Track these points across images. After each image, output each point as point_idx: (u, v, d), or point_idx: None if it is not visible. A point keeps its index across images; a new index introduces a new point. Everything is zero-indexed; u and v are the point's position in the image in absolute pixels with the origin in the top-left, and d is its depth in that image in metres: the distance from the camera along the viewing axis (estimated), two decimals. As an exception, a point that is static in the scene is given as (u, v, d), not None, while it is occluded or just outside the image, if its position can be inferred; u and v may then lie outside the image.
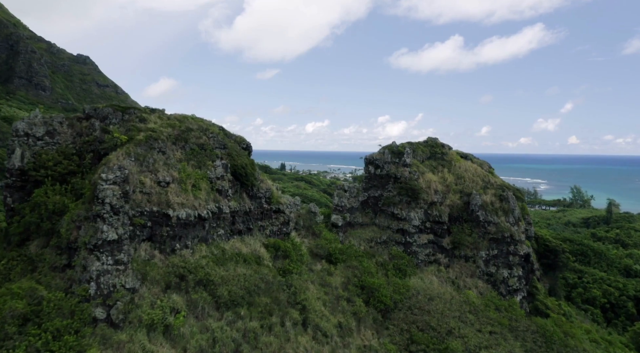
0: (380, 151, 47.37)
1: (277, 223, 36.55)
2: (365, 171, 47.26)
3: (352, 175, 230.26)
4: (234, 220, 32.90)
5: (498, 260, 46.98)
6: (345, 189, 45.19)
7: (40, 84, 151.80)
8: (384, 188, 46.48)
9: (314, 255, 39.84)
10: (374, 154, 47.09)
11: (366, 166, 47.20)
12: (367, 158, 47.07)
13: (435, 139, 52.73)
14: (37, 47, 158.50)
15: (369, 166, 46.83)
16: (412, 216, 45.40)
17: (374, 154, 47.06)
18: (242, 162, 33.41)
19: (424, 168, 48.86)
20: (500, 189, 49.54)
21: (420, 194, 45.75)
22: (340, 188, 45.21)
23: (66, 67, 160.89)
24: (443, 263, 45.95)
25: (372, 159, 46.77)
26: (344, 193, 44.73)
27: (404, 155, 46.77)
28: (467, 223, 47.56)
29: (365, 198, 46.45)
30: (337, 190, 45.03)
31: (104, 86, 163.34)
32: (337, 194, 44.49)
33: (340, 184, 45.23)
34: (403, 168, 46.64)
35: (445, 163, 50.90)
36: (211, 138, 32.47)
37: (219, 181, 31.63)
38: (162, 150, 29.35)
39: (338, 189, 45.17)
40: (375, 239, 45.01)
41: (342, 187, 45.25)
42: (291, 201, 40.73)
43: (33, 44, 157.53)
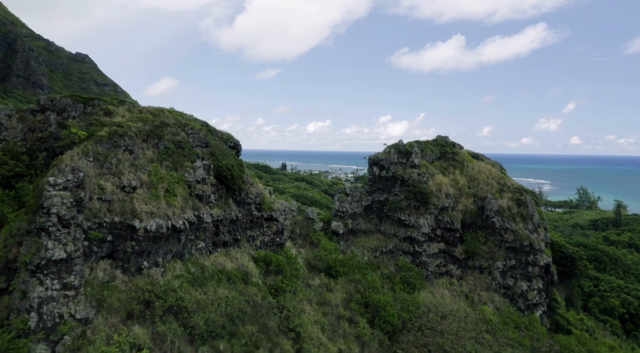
0: (386, 151, 42.13)
1: (269, 232, 31.38)
2: (369, 172, 42.05)
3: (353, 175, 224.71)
4: (218, 230, 27.75)
5: (516, 271, 41.70)
6: (347, 192, 40.00)
7: (38, 83, 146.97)
8: (390, 191, 41.24)
9: (312, 268, 34.67)
10: (379, 154, 41.88)
11: (370, 167, 41.98)
12: (372, 158, 41.87)
13: (446, 138, 47.46)
14: (36, 45, 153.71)
15: (374, 167, 41.61)
16: (421, 222, 40.15)
17: (378, 154, 41.84)
18: (227, 163, 28.27)
19: (434, 169, 43.60)
20: (517, 192, 44.23)
21: (430, 199, 40.49)
22: (342, 191, 40.00)
23: (64, 65, 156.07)
24: (455, 275, 40.69)
25: (377, 159, 41.54)
26: (345, 197, 39.53)
27: (412, 155, 41.53)
28: (482, 230, 42.29)
29: (369, 203, 41.23)
30: (338, 194, 39.82)
31: (103, 85, 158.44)
32: (338, 199, 39.28)
33: (341, 188, 40.03)
34: (411, 170, 41.39)
35: (457, 163, 45.63)
36: (191, 135, 27.29)
37: (199, 185, 26.47)
38: (129, 148, 24.20)
39: (339, 192, 39.96)
40: (381, 248, 39.79)
41: (343, 190, 40.04)
42: (286, 206, 35.55)
43: (31, 42, 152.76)
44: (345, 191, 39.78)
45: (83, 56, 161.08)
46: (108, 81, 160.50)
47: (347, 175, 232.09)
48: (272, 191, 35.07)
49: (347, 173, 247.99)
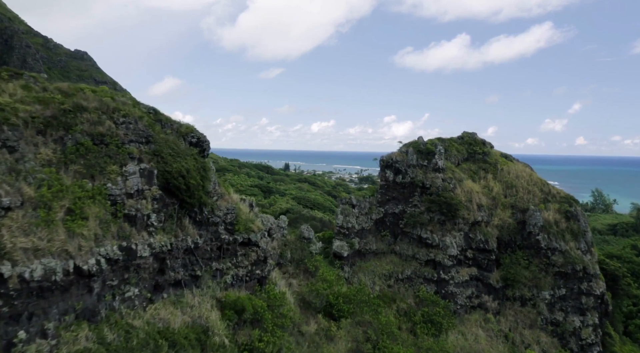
0: (402, 151, 32.26)
1: (246, 262, 21.71)
2: (380, 177, 32.23)
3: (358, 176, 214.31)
4: (164, 267, 18.14)
5: (567, 303, 31.81)
6: (352, 203, 30.23)
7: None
8: (408, 201, 31.46)
9: (307, 306, 25.00)
10: (394, 155, 32.05)
11: (382, 170, 32.14)
12: (384, 159, 32.03)
13: (473, 135, 37.48)
14: (33, 42, 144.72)
15: (387, 171, 31.79)
16: (447, 241, 30.31)
17: (393, 155, 32.01)
18: (181, 167, 18.65)
19: (461, 173, 33.72)
20: (565, 202, 34.28)
21: (459, 211, 30.64)
22: (346, 201, 30.20)
23: (63, 63, 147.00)
24: (491, 309, 30.83)
25: (391, 161, 31.72)
26: (350, 210, 29.75)
27: (435, 156, 31.68)
28: (523, 251, 32.42)
29: (381, 216, 31.45)
30: (342, 205, 30.04)
31: (102, 83, 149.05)
32: (342, 211, 29.50)
33: (345, 197, 30.20)
34: (434, 174, 31.56)
35: (489, 166, 35.72)
36: (123, 125, 17.66)
37: (131, 200, 16.84)
38: (8, 144, 14.64)
39: (343, 203, 30.17)
40: (396, 274, 29.99)
41: (348, 200, 30.25)
42: (272, 223, 25.92)
43: (29, 39, 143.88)
44: (351, 200, 30.04)
45: (82, 53, 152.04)
46: (107, 79, 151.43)
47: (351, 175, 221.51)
48: (254, 203, 25.40)
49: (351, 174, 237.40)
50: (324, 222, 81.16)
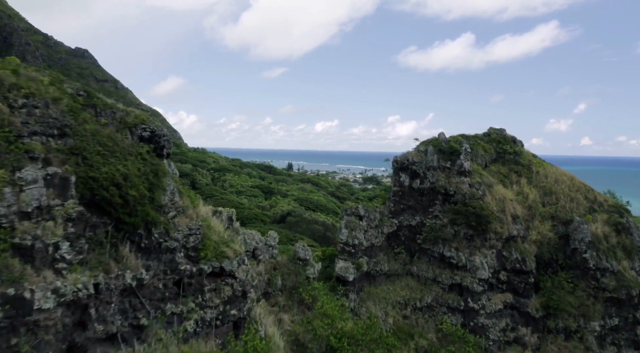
0: (420, 150, 25.90)
1: (217, 300, 15.57)
2: (393, 182, 25.91)
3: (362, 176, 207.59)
4: (86, 319, 12.10)
5: (620, 335, 25.42)
6: (359, 213, 23.96)
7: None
8: (427, 211, 25.22)
9: (302, 350, 18.87)
10: (410, 155, 25.70)
11: (396, 174, 25.82)
12: (398, 160, 25.71)
13: (502, 131, 31.07)
14: (33, 39, 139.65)
15: (401, 175, 25.49)
16: (477, 261, 24.03)
17: (409, 155, 25.67)
18: (114, 171, 12.58)
19: (490, 176, 27.40)
20: (615, 212, 27.87)
21: (491, 224, 24.33)
22: (352, 212, 23.88)
23: (63, 60, 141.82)
24: (530, 344, 24.49)
25: (406, 162, 25.42)
26: (357, 222, 23.49)
27: (461, 156, 25.38)
28: (567, 272, 26.05)
29: (394, 229, 25.21)
30: (347, 216, 23.74)
31: (103, 81, 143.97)
32: (347, 224, 23.21)
33: (351, 207, 23.79)
34: (459, 178, 25.29)
35: (522, 168, 29.34)
36: (22, 110, 11.61)
37: (27, 222, 10.80)
38: None
39: (348, 214, 23.85)
40: (413, 302, 23.74)
41: (354, 210, 23.93)
42: (257, 241, 19.81)
43: (29, 36, 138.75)
44: (358, 211, 23.75)
45: (82, 51, 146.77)
46: (108, 77, 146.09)
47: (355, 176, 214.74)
48: (233, 217, 19.26)
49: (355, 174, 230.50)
50: (327, 226, 75.01)
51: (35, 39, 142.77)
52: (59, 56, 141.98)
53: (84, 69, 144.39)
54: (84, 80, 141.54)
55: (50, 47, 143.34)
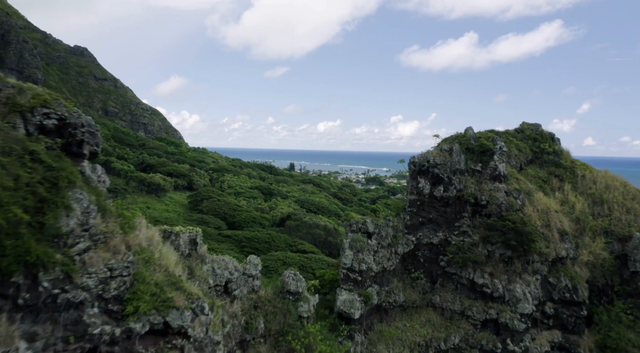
0: (443, 149, 20.19)
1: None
2: (410, 188, 20.21)
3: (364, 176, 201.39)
4: None
5: (694, 383, 19.68)
6: (368, 230, 18.25)
7: (32, 77, 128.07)
8: (452, 226, 19.63)
9: None
10: (430, 155, 20.01)
11: (413, 178, 20.13)
12: (416, 161, 20.01)
13: (537, 127, 25.34)
14: (31, 37, 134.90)
15: (420, 180, 19.85)
16: (517, 291, 18.39)
17: (429, 155, 19.97)
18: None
19: (527, 182, 21.78)
20: (683, 226, 22.13)
21: (535, 243, 18.74)
22: (358, 227, 18.12)
23: (62, 58, 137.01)
24: (585, 397, 18.83)
25: (426, 164, 19.74)
26: (365, 241, 17.79)
27: (494, 156, 19.77)
28: (625, 301, 20.37)
29: (411, 248, 19.62)
30: (351, 233, 18.04)
31: (102, 80, 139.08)
32: (352, 244, 17.52)
33: (357, 221, 17.96)
34: (492, 184, 19.70)
35: (564, 172, 23.63)
36: None
37: None
38: None
39: (353, 229, 18.11)
40: (436, 344, 18.15)
41: (360, 226, 18.14)
42: (232, 270, 14.31)
43: (27, 34, 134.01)
44: (366, 226, 18.07)
45: (82, 49, 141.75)
46: (108, 76, 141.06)
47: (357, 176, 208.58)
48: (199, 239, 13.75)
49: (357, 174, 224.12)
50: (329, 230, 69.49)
51: (34, 37, 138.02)
52: (57, 53, 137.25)
53: (82, 67, 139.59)
54: (82, 78, 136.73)
55: (48, 45, 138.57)
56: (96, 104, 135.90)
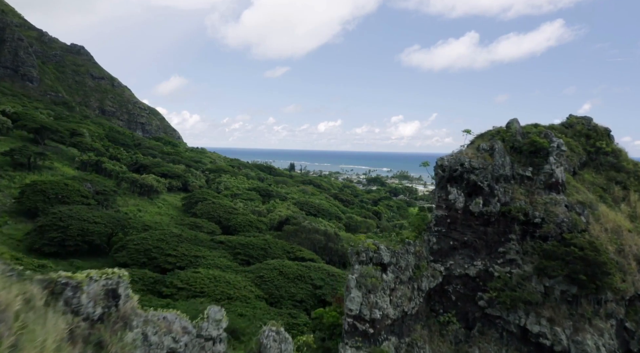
0: (481, 148, 14.76)
1: None
2: (437, 200, 14.73)
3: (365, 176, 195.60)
4: None
5: None
6: (382, 260, 12.73)
7: (27, 75, 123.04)
8: (495, 251, 14.32)
9: None
10: (463, 156, 14.60)
11: (441, 186, 14.65)
12: (445, 164, 14.52)
13: (589, 121, 19.85)
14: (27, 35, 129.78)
15: (450, 189, 14.43)
16: (587, 343, 13.06)
17: (462, 156, 14.56)
18: None
19: (586, 191, 16.44)
20: None
21: (611, 277, 13.45)
22: (368, 257, 12.73)
23: (58, 57, 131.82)
24: None
25: (460, 168, 14.30)
26: (378, 277, 12.41)
27: (550, 157, 14.47)
28: None
29: (439, 282, 14.33)
30: (358, 263, 12.61)
31: (99, 78, 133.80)
32: (360, 280, 12.07)
33: (367, 248, 12.53)
34: (548, 195, 14.38)
35: (627, 177, 18.19)
36: None
37: None
38: None
39: (361, 260, 12.65)
40: None
41: (372, 255, 12.75)
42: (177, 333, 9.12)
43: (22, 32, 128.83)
44: (379, 255, 12.64)
45: (78, 47, 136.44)
46: (105, 74, 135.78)
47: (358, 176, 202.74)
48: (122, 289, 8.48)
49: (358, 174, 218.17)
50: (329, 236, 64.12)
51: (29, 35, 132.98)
52: (53, 52, 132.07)
53: (79, 66, 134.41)
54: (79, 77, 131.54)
55: (44, 43, 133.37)
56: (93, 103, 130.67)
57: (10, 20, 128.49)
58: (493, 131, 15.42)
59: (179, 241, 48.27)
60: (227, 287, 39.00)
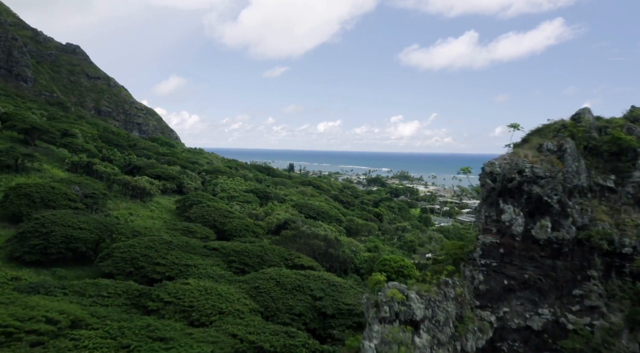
0: (545, 148, 10.36)
1: None
2: (485, 221, 10.33)
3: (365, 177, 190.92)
4: None
5: None
6: (413, 316, 8.45)
7: (21, 75, 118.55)
8: (568, 294, 10.05)
9: None
10: (522, 161, 10.25)
11: (491, 203, 10.27)
12: (496, 171, 10.27)
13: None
14: (21, 34, 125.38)
15: (505, 207, 9.73)
16: None
17: (521, 161, 10.19)
18: None
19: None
20: None
21: None
22: (391, 312, 8.44)
23: (53, 56, 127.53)
24: None
25: (519, 175, 9.90)
26: (408, 342, 8.34)
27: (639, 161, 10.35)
28: None
29: (489, 338, 10.23)
30: (378, 321, 8.43)
31: (95, 78, 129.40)
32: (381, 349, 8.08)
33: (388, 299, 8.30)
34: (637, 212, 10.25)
35: None
36: None
37: None
38: None
39: (383, 319, 8.45)
40: None
41: (397, 309, 8.44)
42: None
43: (16, 31, 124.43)
44: (409, 308, 8.34)
45: (74, 46, 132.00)
46: (101, 74, 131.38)
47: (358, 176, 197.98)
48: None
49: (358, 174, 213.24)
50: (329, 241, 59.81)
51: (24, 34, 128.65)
52: (48, 51, 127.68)
53: (75, 65, 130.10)
54: (74, 77, 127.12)
55: (39, 42, 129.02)
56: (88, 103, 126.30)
57: (4, 19, 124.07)
58: (556, 125, 11.14)
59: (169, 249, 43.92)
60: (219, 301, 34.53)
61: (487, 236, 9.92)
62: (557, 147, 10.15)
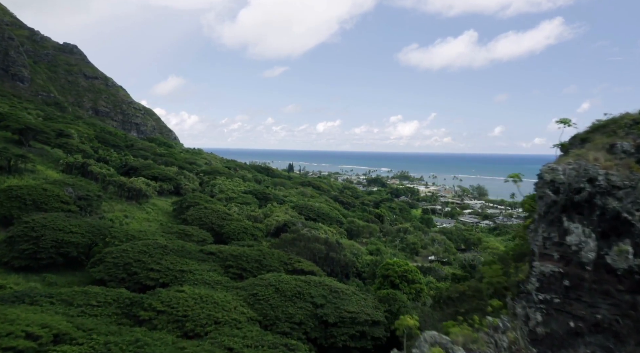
0: (618, 148, 8.19)
1: None
2: (543, 243, 7.97)
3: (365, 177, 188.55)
4: None
5: None
6: None
7: (18, 75, 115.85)
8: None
9: None
10: (593, 166, 8.05)
11: (552, 221, 7.83)
12: (559, 179, 7.87)
13: None
14: (18, 34, 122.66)
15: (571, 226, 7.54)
16: None
17: (591, 166, 7.99)
18: None
19: None
20: None
21: None
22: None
23: (50, 56, 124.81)
24: None
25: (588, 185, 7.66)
26: None
27: None
28: None
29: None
30: None
31: (93, 78, 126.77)
32: None
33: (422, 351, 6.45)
34: None
35: None
36: None
37: None
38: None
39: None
40: None
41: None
42: None
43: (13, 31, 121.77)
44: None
45: (71, 46, 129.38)
46: (98, 74, 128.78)
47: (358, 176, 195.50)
48: None
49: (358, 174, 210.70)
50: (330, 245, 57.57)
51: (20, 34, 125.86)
52: (45, 51, 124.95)
53: (72, 65, 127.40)
54: (72, 76, 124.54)
55: (36, 42, 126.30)
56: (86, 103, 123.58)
57: (1, 19, 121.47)
58: (624, 119, 8.85)
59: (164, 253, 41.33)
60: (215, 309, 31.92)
61: (546, 264, 7.59)
62: (635, 148, 7.88)
